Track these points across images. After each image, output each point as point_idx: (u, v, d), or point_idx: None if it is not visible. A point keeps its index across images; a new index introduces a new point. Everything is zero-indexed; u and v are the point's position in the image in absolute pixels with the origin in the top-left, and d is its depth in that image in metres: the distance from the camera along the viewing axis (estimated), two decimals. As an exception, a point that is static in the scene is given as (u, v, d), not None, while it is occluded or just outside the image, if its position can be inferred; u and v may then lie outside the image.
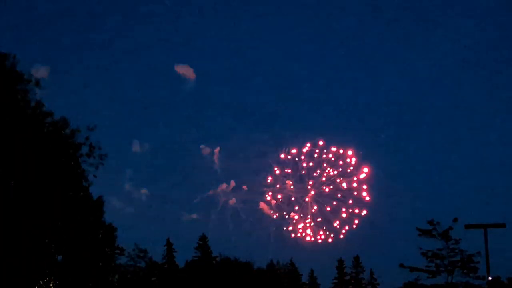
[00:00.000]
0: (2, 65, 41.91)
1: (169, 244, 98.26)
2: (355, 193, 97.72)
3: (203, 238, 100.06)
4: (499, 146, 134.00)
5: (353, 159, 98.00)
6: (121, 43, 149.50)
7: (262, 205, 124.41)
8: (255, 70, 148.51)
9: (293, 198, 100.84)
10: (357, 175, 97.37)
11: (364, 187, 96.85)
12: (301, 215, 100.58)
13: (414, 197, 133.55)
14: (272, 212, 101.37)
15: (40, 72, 44.42)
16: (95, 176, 48.64)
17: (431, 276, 59.12)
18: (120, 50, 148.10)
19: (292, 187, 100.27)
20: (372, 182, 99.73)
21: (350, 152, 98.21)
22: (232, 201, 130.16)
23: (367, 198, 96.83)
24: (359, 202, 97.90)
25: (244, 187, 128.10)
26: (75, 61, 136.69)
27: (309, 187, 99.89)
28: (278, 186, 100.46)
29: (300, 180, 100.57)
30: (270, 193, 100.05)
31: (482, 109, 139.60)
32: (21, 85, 43.58)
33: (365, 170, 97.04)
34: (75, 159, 46.66)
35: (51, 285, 48.36)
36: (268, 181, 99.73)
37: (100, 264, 55.39)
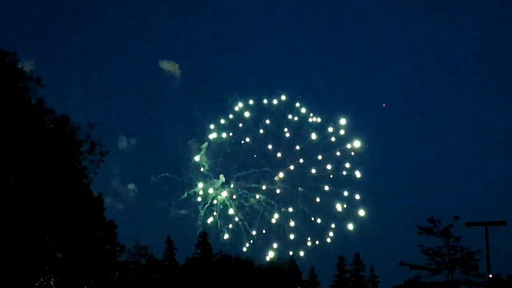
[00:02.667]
0: (2, 63, 41.84)
1: (169, 241, 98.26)
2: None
3: (203, 235, 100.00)
4: (500, 144, 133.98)
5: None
6: (105, 39, 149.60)
7: (252, 201, 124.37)
8: (242, 65, 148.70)
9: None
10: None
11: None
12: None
13: (415, 194, 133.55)
14: None
15: (25, 67, 44.20)
16: (95, 173, 48.71)
17: (431, 273, 59.18)
18: (104, 46, 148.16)
19: None
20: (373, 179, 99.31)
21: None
22: (221, 196, 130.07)
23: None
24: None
25: (233, 182, 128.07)
26: (59, 57, 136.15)
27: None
28: None
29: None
30: None
31: (485, 106, 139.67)
32: (22, 82, 43.52)
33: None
34: (75, 156, 46.66)
35: (51, 282, 48.34)
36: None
37: (101, 261, 55.36)
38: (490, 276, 39.86)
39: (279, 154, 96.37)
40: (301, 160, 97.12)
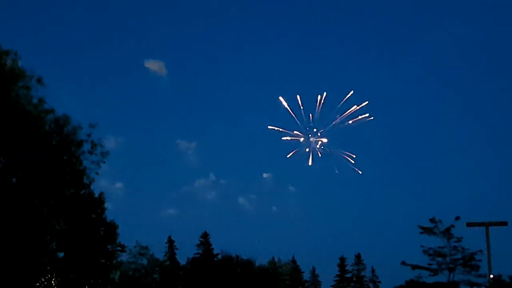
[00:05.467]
0: (3, 62, 41.85)
1: (170, 241, 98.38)
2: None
3: (205, 235, 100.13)
4: (501, 145, 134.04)
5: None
6: (91, 38, 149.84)
7: (242, 200, 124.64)
8: (229, 63, 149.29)
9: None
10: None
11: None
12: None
13: (416, 194, 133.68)
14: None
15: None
16: (97, 173, 48.69)
17: (432, 274, 59.28)
18: (91, 45, 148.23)
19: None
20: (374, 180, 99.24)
21: None
22: (211, 195, 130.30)
23: None
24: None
25: (222, 181, 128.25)
26: (45, 55, 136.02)
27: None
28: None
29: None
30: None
31: (487, 107, 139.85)
32: (23, 82, 43.51)
33: None
34: (76, 156, 46.66)
35: (52, 282, 48.35)
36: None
37: (102, 261, 55.35)
38: (491, 276, 39.76)
39: None
40: None
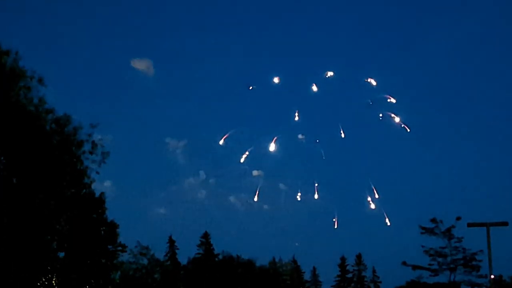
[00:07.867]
0: (3, 62, 41.84)
1: (171, 241, 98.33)
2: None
3: (206, 235, 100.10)
4: (502, 145, 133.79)
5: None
6: (78, 35, 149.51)
7: (233, 199, 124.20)
8: (218, 60, 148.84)
9: None
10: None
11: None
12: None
13: (417, 194, 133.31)
14: None
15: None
16: (97, 173, 48.64)
17: (433, 274, 59.17)
18: (80, 45, 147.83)
19: None
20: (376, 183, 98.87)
21: None
22: (201, 194, 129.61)
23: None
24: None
25: (212, 180, 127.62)
26: (32, 54, 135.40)
27: None
28: None
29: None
30: None
31: (486, 107, 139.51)
32: (23, 82, 43.50)
33: None
34: (77, 156, 46.64)
35: (53, 282, 48.37)
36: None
37: (103, 261, 55.36)
38: (492, 276, 39.67)
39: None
40: None
